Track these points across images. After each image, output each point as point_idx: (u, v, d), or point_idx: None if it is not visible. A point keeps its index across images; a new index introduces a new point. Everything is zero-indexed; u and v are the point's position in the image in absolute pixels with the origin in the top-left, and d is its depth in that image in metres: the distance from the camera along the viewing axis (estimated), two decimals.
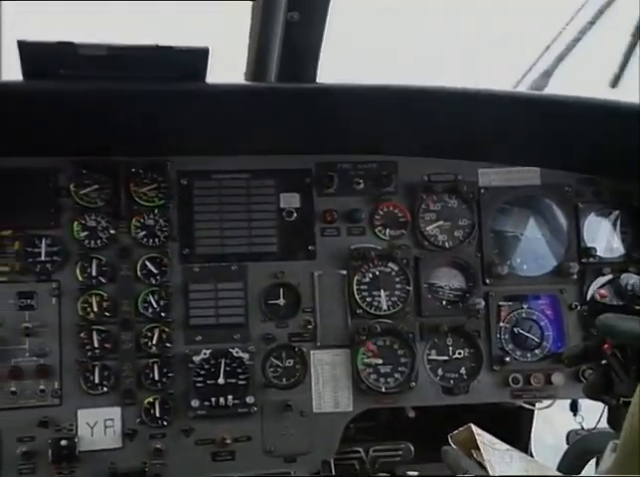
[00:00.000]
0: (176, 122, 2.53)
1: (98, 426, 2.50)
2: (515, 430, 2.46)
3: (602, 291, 2.10)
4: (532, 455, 2.83)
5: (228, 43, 2.75)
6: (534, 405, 2.79)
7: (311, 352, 2.63)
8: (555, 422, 3.21)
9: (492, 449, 1.78)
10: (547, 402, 2.72)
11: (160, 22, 2.95)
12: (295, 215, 2.68)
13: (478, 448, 1.63)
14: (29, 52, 2.24)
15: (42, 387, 2.49)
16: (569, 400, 2.72)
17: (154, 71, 2.30)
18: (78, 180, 2.62)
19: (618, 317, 1.48)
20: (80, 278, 2.53)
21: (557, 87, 2.88)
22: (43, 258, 2.54)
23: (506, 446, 1.74)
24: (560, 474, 2.13)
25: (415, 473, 2.49)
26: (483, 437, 1.68)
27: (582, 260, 2.71)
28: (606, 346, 1.55)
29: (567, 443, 2.67)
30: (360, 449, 2.52)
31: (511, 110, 2.56)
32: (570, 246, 2.73)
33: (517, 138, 2.67)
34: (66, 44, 2.17)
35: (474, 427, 1.68)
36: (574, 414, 2.71)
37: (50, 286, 2.54)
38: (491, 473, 1.68)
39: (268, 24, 2.40)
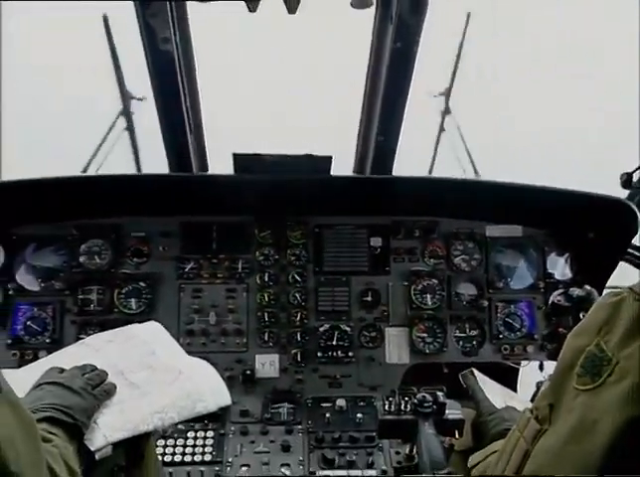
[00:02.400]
0: (314, 196, 3.42)
1: (267, 364, 3.42)
2: (505, 381, 2.69)
3: (559, 298, 3.21)
4: None
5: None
6: (518, 365, 3.45)
7: (386, 328, 3.51)
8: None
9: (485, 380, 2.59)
10: (524, 363, 3.31)
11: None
12: (379, 250, 3.55)
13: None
14: (240, 159, 3.13)
15: (237, 340, 3.45)
16: (538, 362, 3.24)
17: (302, 167, 3.19)
18: (259, 227, 3.50)
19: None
20: (259, 282, 3.48)
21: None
22: (240, 270, 3.49)
23: (496, 384, 2.60)
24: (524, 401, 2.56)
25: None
26: (480, 375, 2.58)
27: (547, 280, 3.56)
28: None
29: (537, 389, 3.00)
30: (413, 388, 2.64)
31: (505, 193, 3.44)
32: (539, 272, 3.57)
33: (508, 210, 3.54)
34: (255, 154, 3.10)
35: (474, 370, 2.59)
36: (541, 371, 3.19)
37: (243, 286, 3.49)
38: (483, 390, 2.48)
39: (366, 143, 3.37)
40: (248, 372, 3.40)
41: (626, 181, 1.75)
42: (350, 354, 3.48)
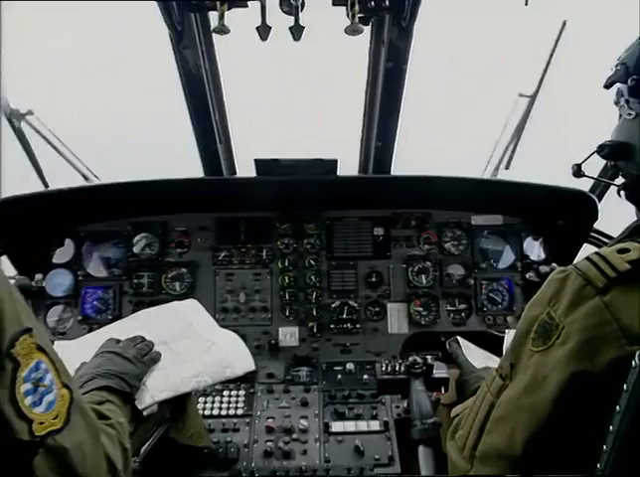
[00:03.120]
0: (325, 194, 3.45)
1: (288, 335, 3.44)
2: (490, 346, 2.64)
3: (530, 274, 3.21)
4: None
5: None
6: (500, 332, 3.25)
7: (388, 304, 3.49)
8: None
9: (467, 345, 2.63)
10: (506, 331, 2.98)
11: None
12: (381, 238, 3.56)
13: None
14: (260, 163, 3.14)
15: (263, 316, 3.46)
16: None
17: (314, 169, 3.19)
18: (279, 220, 3.54)
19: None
20: (280, 267, 3.50)
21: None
22: (264, 257, 3.52)
23: (477, 348, 2.61)
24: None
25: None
26: (464, 341, 2.62)
27: (523, 261, 3.51)
28: None
29: None
30: (412, 353, 2.59)
31: (488, 187, 3.51)
32: (517, 254, 3.53)
33: (491, 201, 3.53)
34: (274, 159, 3.12)
35: (459, 337, 2.61)
36: None
37: (267, 270, 3.51)
38: (464, 351, 2.53)
39: (367, 147, 3.33)
40: (273, 341, 3.42)
41: (576, 171, 1.69)
42: (357, 325, 3.49)
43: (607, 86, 1.54)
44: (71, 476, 1.23)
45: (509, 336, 2.47)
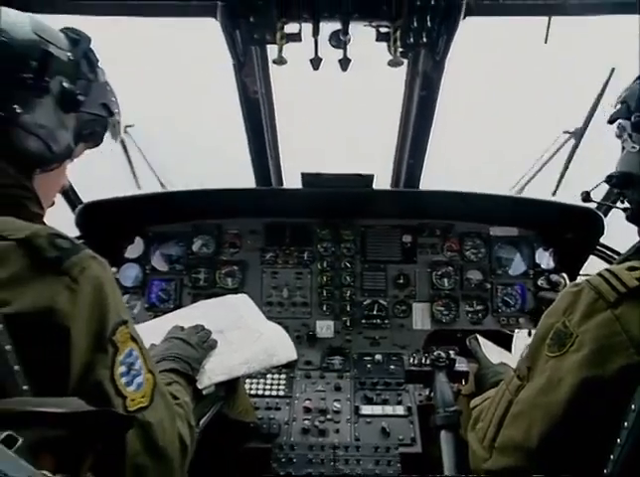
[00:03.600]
0: (361, 204, 3.45)
1: (325, 328, 3.41)
2: (503, 344, 2.51)
3: (541, 281, 3.17)
4: None
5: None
6: (512, 332, 2.87)
7: (413, 303, 3.46)
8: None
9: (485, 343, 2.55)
10: (517, 331, 2.84)
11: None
12: (409, 245, 3.52)
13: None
14: (306, 176, 3.17)
15: (303, 310, 3.46)
16: (527, 330, 2.73)
17: (352, 183, 3.21)
18: (320, 227, 3.55)
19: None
20: (319, 268, 3.51)
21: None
22: (306, 259, 3.53)
23: (494, 345, 2.52)
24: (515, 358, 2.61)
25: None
26: (483, 339, 2.52)
27: (535, 269, 3.45)
28: None
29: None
30: (433, 347, 2.73)
31: (505, 202, 3.47)
32: (530, 263, 3.47)
33: (508, 215, 3.49)
34: (317, 173, 3.14)
35: (478, 335, 2.53)
36: (529, 337, 2.46)
37: (308, 270, 3.52)
38: (483, 350, 2.43)
39: (400, 164, 3.33)
40: (311, 333, 3.43)
41: (585, 197, 1.71)
42: (386, 321, 3.48)
43: (610, 122, 1.54)
44: (153, 447, 1.27)
45: (519, 335, 2.46)
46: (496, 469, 1.44)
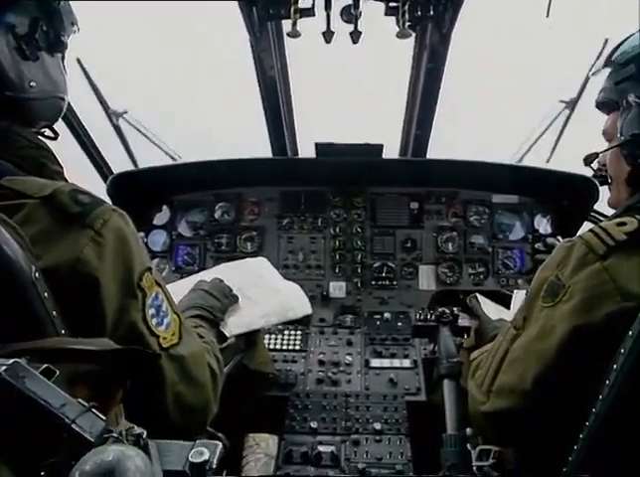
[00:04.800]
0: (371, 173, 3.40)
1: (337, 288, 3.42)
2: (503, 302, 2.51)
3: (538, 245, 3.15)
4: None
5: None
6: (511, 292, 2.92)
7: (420, 266, 3.45)
8: None
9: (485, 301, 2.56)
10: (516, 291, 2.86)
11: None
12: (416, 211, 3.50)
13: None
14: (319, 146, 3.19)
15: (317, 272, 3.46)
16: (525, 290, 3.02)
17: (363, 152, 3.21)
18: (333, 194, 3.54)
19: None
20: (332, 233, 3.48)
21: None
22: (319, 225, 3.51)
23: (493, 303, 2.53)
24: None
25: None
26: (482, 297, 2.53)
27: (534, 234, 3.40)
28: None
29: None
30: (437, 306, 2.68)
31: (506, 171, 3.44)
32: (529, 228, 3.42)
33: (509, 183, 3.44)
34: (330, 143, 3.15)
35: (478, 294, 2.53)
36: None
37: (321, 235, 3.50)
38: (483, 308, 2.47)
39: (408, 134, 3.31)
40: (324, 293, 3.44)
41: (589, 162, 1.66)
42: (394, 282, 3.48)
43: (617, 83, 1.44)
44: (188, 377, 1.33)
45: (517, 294, 2.43)
46: (492, 411, 1.46)
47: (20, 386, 0.68)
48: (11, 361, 0.71)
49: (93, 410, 0.73)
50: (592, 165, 1.67)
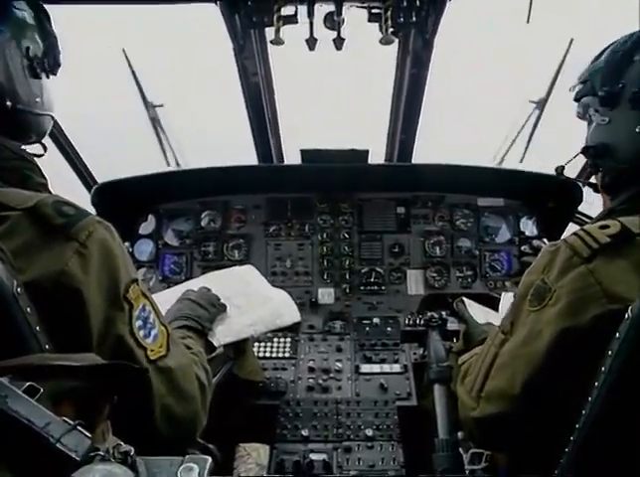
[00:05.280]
0: (357, 178, 3.41)
1: (325, 295, 3.40)
2: (491, 305, 2.51)
3: (524, 247, 3.18)
4: None
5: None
6: (499, 295, 2.92)
7: (407, 270, 3.44)
8: None
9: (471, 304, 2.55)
10: (504, 293, 2.87)
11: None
12: (403, 216, 3.50)
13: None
14: (305, 153, 3.18)
15: (305, 279, 3.44)
16: (513, 293, 3.12)
17: (348, 158, 3.20)
18: (319, 200, 3.51)
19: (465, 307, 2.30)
20: (320, 239, 3.48)
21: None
22: (307, 231, 3.50)
23: (480, 306, 2.50)
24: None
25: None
26: (468, 301, 2.49)
27: (520, 236, 3.42)
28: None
29: None
30: (426, 310, 2.65)
31: (492, 174, 3.47)
32: (515, 231, 3.45)
33: (494, 187, 3.48)
34: (316, 150, 3.15)
35: (464, 298, 2.49)
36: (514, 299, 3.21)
37: (309, 241, 3.48)
38: (469, 310, 2.44)
39: (393, 140, 3.33)
40: (313, 300, 3.42)
41: (560, 172, 1.73)
42: (382, 288, 3.47)
43: (577, 100, 1.55)
44: (176, 389, 1.32)
45: (505, 296, 2.40)
46: (483, 416, 1.45)
47: (2, 405, 0.67)
48: None
49: (79, 428, 0.72)
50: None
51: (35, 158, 1.32)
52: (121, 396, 0.94)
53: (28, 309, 0.98)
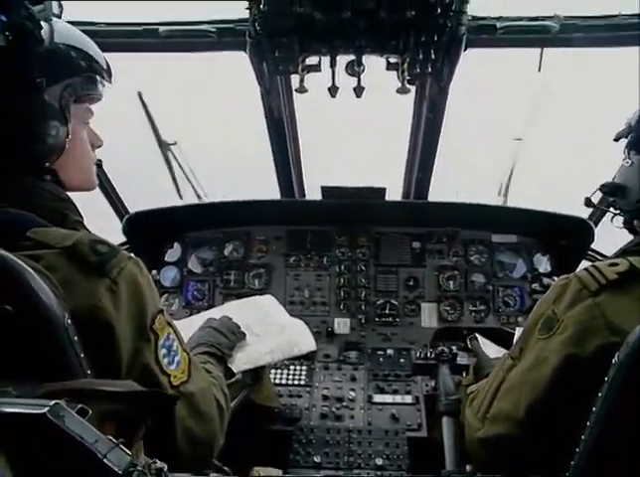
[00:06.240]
0: (375, 214, 3.51)
1: (342, 325, 3.45)
2: (503, 340, 2.48)
3: (535, 285, 3.21)
4: None
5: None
6: (512, 330, 2.94)
7: (422, 303, 3.49)
8: None
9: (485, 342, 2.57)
10: (518, 328, 2.80)
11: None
12: (418, 250, 3.57)
13: None
14: (325, 189, 3.28)
15: (322, 309, 3.50)
16: None
17: (366, 195, 3.26)
18: (338, 234, 3.61)
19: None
20: (337, 270, 3.56)
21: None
22: (325, 263, 3.59)
23: (492, 343, 2.55)
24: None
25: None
26: (482, 338, 2.56)
27: (533, 273, 3.44)
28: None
29: None
30: (440, 343, 2.75)
31: (505, 213, 3.53)
32: (528, 267, 3.48)
33: (508, 224, 3.52)
34: (336, 187, 3.23)
35: (477, 334, 2.58)
36: None
37: (327, 273, 3.57)
38: (482, 347, 2.50)
39: (409, 178, 3.42)
40: (329, 329, 3.48)
41: (587, 203, 1.80)
42: (397, 319, 3.53)
43: (616, 140, 1.63)
44: (197, 412, 1.41)
45: (518, 332, 2.44)
46: (487, 437, 1.53)
47: (61, 425, 0.77)
48: (52, 402, 0.78)
49: (121, 446, 0.82)
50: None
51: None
52: (154, 418, 1.04)
53: (75, 338, 1.09)
